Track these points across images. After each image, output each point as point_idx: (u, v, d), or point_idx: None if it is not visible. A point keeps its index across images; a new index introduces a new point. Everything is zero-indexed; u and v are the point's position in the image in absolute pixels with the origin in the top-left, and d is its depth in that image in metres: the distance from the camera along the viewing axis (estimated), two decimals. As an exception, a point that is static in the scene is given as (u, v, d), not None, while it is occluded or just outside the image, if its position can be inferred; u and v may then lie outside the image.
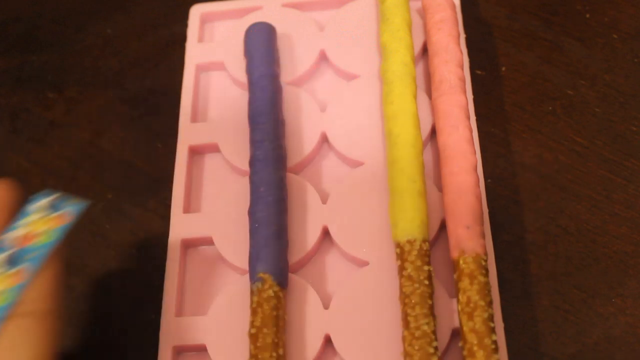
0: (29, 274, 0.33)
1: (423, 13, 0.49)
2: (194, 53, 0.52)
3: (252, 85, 0.47)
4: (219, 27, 0.54)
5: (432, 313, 0.39)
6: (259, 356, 0.38)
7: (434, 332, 0.38)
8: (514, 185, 0.46)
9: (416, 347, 0.37)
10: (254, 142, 0.45)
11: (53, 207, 0.36)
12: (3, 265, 0.34)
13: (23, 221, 0.36)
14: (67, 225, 0.36)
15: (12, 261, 0.34)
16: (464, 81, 0.46)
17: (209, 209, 0.46)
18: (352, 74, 0.49)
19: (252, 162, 0.44)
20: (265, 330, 0.39)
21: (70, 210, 0.36)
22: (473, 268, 0.39)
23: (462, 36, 0.48)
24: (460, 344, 0.38)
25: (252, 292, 0.40)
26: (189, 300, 0.44)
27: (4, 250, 0.34)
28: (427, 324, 0.38)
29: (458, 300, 0.39)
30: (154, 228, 0.48)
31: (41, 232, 0.35)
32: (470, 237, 0.40)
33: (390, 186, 0.43)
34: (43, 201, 0.36)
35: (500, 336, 0.39)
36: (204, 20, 0.54)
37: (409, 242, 0.40)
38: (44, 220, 0.36)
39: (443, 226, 0.43)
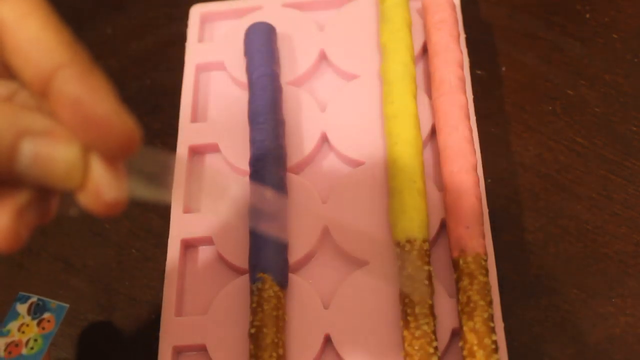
0: None
1: (423, 13, 0.49)
2: (194, 53, 0.52)
3: (252, 85, 0.47)
4: (219, 27, 0.54)
5: (432, 313, 0.39)
6: (259, 356, 0.38)
7: (434, 332, 0.38)
8: (514, 185, 0.46)
9: (416, 347, 0.37)
10: (254, 142, 0.45)
11: (37, 310, 0.36)
12: None
13: (10, 326, 0.35)
14: (53, 331, 0.35)
15: None
16: (464, 81, 0.46)
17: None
18: (352, 74, 0.49)
19: (252, 162, 0.44)
20: (265, 330, 0.39)
21: (54, 314, 0.36)
22: (473, 268, 0.39)
23: (462, 36, 0.48)
24: (460, 344, 0.38)
25: (252, 292, 0.40)
26: (189, 300, 0.44)
27: None
28: (427, 324, 0.38)
29: (458, 300, 0.39)
30: (154, 228, 0.48)
31: (29, 339, 0.35)
32: (470, 237, 0.40)
33: (390, 186, 0.43)
34: (26, 304, 0.36)
35: (500, 336, 0.39)
36: (204, 20, 0.54)
37: (409, 242, 0.40)
38: (30, 326, 0.35)
39: (443, 226, 0.43)
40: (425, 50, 0.49)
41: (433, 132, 0.46)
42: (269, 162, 0.44)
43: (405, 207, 0.41)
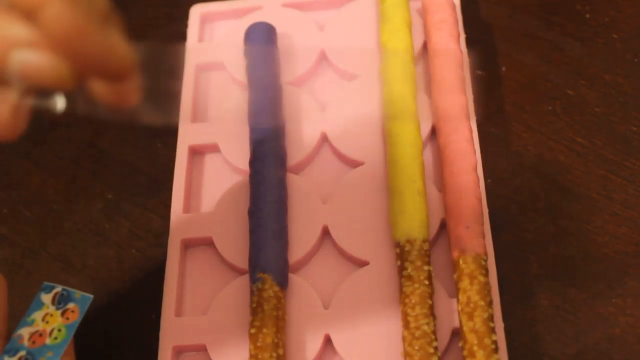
0: None
1: (423, 13, 0.49)
2: (194, 53, 0.52)
3: (252, 85, 0.47)
4: (219, 27, 0.54)
5: (432, 313, 0.39)
6: (259, 356, 0.38)
7: (434, 332, 0.38)
8: (514, 185, 0.46)
9: (416, 347, 0.37)
10: (254, 142, 0.45)
11: (61, 300, 0.36)
12: None
13: (34, 316, 0.35)
14: (77, 321, 0.35)
15: None
16: (464, 81, 0.46)
17: (209, 209, 0.46)
18: (352, 74, 0.49)
19: (252, 162, 0.44)
20: (265, 330, 0.39)
21: (78, 304, 0.36)
22: (473, 268, 0.39)
23: (462, 36, 0.48)
24: (460, 344, 0.38)
25: (252, 292, 0.40)
26: (189, 300, 0.44)
27: (17, 351, 0.33)
28: (427, 324, 0.38)
29: (458, 300, 0.39)
30: (154, 228, 0.48)
31: (53, 329, 0.34)
32: (470, 237, 0.40)
33: (390, 186, 0.43)
34: (51, 293, 0.36)
35: (500, 336, 0.39)
36: (204, 20, 0.54)
37: (409, 242, 0.40)
38: (54, 316, 0.35)
39: (443, 226, 0.43)
40: (425, 50, 0.49)
41: (433, 132, 0.46)
42: (269, 162, 0.44)
43: (405, 207, 0.41)
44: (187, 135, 0.48)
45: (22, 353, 0.33)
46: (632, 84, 0.49)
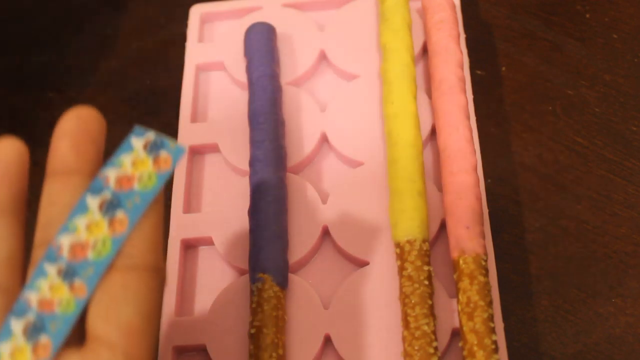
0: (130, 223, 0.29)
1: (423, 13, 0.49)
2: (194, 53, 0.52)
3: (252, 85, 0.47)
4: (219, 27, 0.54)
5: (432, 313, 0.39)
6: (259, 356, 0.38)
7: (434, 332, 0.38)
8: (514, 185, 0.46)
9: (416, 347, 0.37)
10: (254, 142, 0.45)
11: (153, 147, 0.31)
12: (101, 210, 0.29)
13: (122, 158, 0.31)
14: (169, 171, 0.30)
15: (111, 206, 0.29)
16: (464, 81, 0.46)
17: (209, 209, 0.46)
18: (352, 74, 0.49)
19: (252, 162, 0.44)
20: (265, 330, 0.39)
21: (171, 154, 0.31)
22: (473, 268, 0.39)
23: (462, 36, 0.48)
24: (460, 344, 0.38)
25: (252, 292, 0.40)
26: (189, 300, 0.44)
27: (101, 191, 0.30)
28: (427, 324, 0.38)
29: (458, 300, 0.39)
30: (154, 228, 0.48)
31: (142, 175, 0.30)
32: (470, 237, 0.40)
33: (390, 186, 0.43)
34: (143, 138, 0.32)
35: (500, 336, 0.39)
36: (204, 20, 0.54)
37: (409, 242, 0.40)
38: (144, 162, 0.31)
39: (443, 226, 0.43)
40: (425, 50, 0.49)
41: (433, 132, 0.46)
42: (269, 162, 0.44)
43: (405, 207, 0.41)
44: (187, 135, 0.48)
45: (107, 195, 0.30)
46: (632, 84, 0.49)
